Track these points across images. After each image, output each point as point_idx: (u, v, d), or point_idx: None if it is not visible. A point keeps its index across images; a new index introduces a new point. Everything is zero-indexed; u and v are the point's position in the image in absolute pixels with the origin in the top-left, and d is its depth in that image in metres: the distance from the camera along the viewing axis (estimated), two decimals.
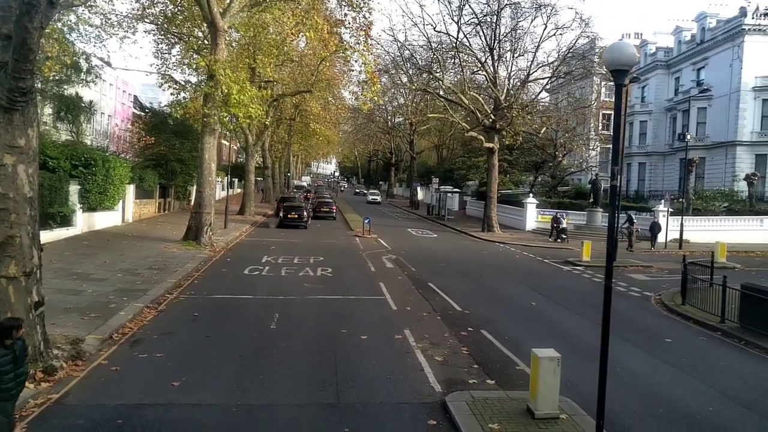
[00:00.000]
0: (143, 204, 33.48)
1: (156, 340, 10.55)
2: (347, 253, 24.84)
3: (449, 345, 11.10)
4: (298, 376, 9.07)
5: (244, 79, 23.11)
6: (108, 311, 11.83)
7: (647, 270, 23.59)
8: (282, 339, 11.04)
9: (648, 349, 11.78)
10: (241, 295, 15.01)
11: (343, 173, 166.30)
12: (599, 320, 13.93)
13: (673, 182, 51.32)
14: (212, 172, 24.13)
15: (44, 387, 7.90)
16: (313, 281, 17.44)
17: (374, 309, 14.13)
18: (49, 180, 21.68)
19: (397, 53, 41.62)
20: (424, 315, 13.61)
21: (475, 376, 9.38)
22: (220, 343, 10.55)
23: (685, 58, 50.58)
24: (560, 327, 13.45)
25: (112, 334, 10.56)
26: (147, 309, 12.70)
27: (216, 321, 12.24)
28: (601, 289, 18.66)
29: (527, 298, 16.52)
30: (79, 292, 13.56)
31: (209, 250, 22.38)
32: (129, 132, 48.07)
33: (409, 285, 17.65)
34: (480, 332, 12.15)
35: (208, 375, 8.90)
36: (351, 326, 12.15)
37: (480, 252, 27.87)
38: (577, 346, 11.56)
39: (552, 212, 42.14)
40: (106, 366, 9.02)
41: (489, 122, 37.39)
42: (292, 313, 13.31)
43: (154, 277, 16.09)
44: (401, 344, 11.01)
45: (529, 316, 14.37)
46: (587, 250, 24.97)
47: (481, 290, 17.57)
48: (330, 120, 56.29)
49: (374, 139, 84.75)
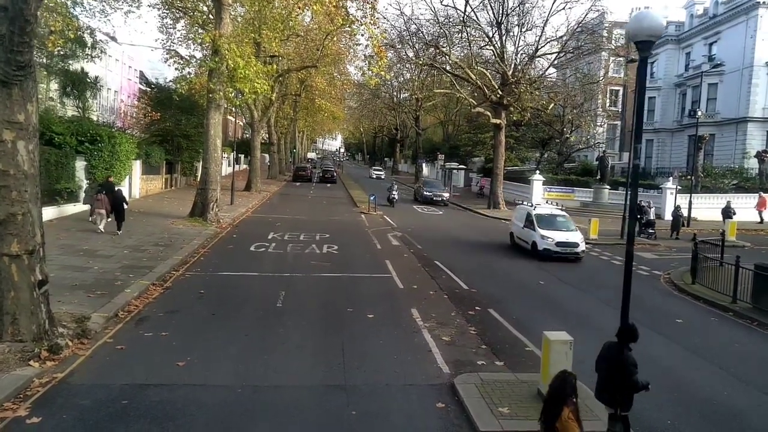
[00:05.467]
0: (150, 180, 33.38)
1: (161, 318, 10.47)
2: (353, 230, 24.71)
3: (457, 324, 10.99)
4: (304, 355, 8.98)
5: (249, 53, 22.71)
6: (114, 288, 11.75)
7: (655, 248, 23.38)
8: (288, 317, 10.95)
9: (659, 329, 11.62)
10: (247, 272, 14.92)
11: (348, 149, 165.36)
12: (607, 299, 13.91)
13: (681, 159, 50.74)
14: (218, 148, 23.91)
15: (49, 366, 7.83)
16: (319, 258, 17.33)
17: (381, 287, 14.02)
18: (55, 156, 21.57)
19: (403, 27, 40.96)
20: (430, 293, 13.49)
21: (483, 357, 9.27)
22: (225, 322, 10.46)
23: (696, 33, 49.61)
24: (568, 306, 13.32)
25: (118, 311, 10.48)
26: (153, 286, 12.62)
27: (222, 299, 12.15)
28: (609, 267, 18.71)
29: (534, 277, 16.38)
30: (86, 269, 13.48)
31: (215, 226, 22.28)
32: (135, 108, 47.78)
33: (415, 263, 17.53)
34: (487, 311, 12.03)
35: (213, 354, 8.82)
36: (357, 304, 12.05)
37: (486, 229, 27.67)
38: (586, 326, 11.41)
39: (561, 188, 41.87)
40: (111, 345, 8.95)
41: (496, 98, 36.87)
42: (298, 290, 13.21)
43: (160, 253, 16.00)
44: (408, 323, 10.90)
45: (536, 295, 14.24)
46: (594, 227, 24.75)
47: (487, 268, 17.44)
48: (335, 96, 55.85)
49: (379, 115, 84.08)
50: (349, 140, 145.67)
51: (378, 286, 14.09)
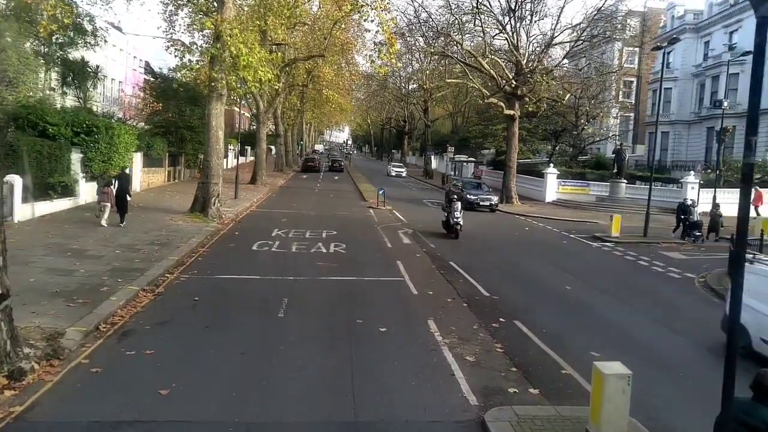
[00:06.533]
0: (151, 173, 32.32)
1: (148, 332, 9.29)
2: (361, 226, 23.51)
3: (480, 340, 9.73)
4: (308, 381, 7.78)
5: (252, 40, 21.47)
6: (98, 296, 10.58)
7: (682, 247, 22.03)
8: (290, 331, 9.75)
9: (712, 348, 10.27)
10: (247, 275, 13.74)
11: (355, 141, 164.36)
12: (644, 308, 12.58)
13: (697, 152, 49.21)
14: (220, 140, 22.74)
15: (7, 396, 6.65)
16: (325, 258, 16.14)
17: (393, 293, 12.81)
18: (48, 148, 20.45)
19: (413, 15, 39.57)
20: (448, 301, 12.24)
21: (514, 382, 8.03)
22: (220, 336, 9.28)
23: (716, 21, 47.90)
24: (601, 317, 12.03)
25: (99, 324, 9.30)
26: (143, 292, 11.45)
27: (218, 307, 10.97)
28: (636, 269, 17.35)
29: (560, 281, 15.10)
30: (71, 272, 12.32)
31: (217, 222, 21.15)
32: (137, 98, 46.71)
33: (428, 264, 16.29)
34: (513, 323, 10.77)
35: (203, 379, 7.64)
36: (368, 314, 10.83)
37: (500, 225, 26.42)
38: (626, 343, 10.16)
39: (576, 182, 40.49)
40: (86, 367, 7.77)
41: (510, 88, 35.51)
42: (303, 297, 12.02)
43: (154, 254, 14.84)
44: (425, 338, 9.67)
45: (564, 302, 12.94)
46: (617, 224, 23.37)
47: (507, 271, 16.17)
48: (343, 87, 54.62)
49: (387, 106, 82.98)
50: (357, 132, 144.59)
51: (390, 292, 12.87)
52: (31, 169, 18.79)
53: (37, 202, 19.27)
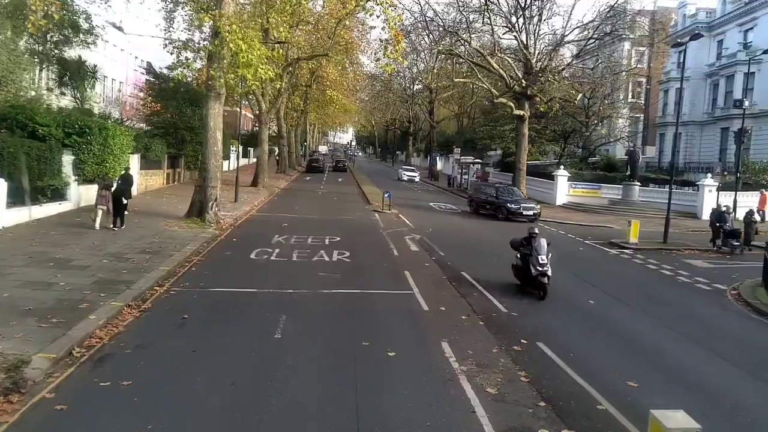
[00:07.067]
0: (150, 175, 31.36)
1: (128, 358, 8.25)
2: (366, 232, 22.46)
3: (502, 367, 8.63)
4: (307, 418, 6.71)
5: (252, 36, 20.46)
6: (76, 314, 9.54)
7: (706, 255, 20.87)
8: (288, 355, 8.70)
9: (755, 373, 9.17)
10: (243, 288, 12.70)
11: (359, 143, 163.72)
12: (678, 326, 11.39)
13: (710, 154, 48.01)
14: (218, 141, 21.71)
15: None
16: (328, 268, 15.09)
17: (401, 309, 11.72)
18: (37, 149, 19.48)
19: (419, 13, 38.56)
20: (462, 318, 11.14)
21: (545, 421, 6.92)
22: (208, 362, 8.23)
23: (730, 19, 46.67)
24: (632, 336, 10.88)
25: (73, 348, 8.26)
26: (127, 309, 10.41)
27: (208, 326, 9.92)
28: (661, 279, 16.09)
29: (582, 294, 13.98)
30: (50, 285, 11.29)
31: (214, 228, 20.13)
32: (135, 98, 45.88)
33: (439, 275, 15.20)
34: (536, 346, 9.66)
35: (186, 416, 6.59)
36: (374, 335, 9.75)
37: (511, 230, 25.19)
38: (668, 372, 9.05)
39: (587, 185, 39.35)
40: (50, 402, 6.71)
41: (520, 88, 34.42)
42: (303, 314, 10.97)
43: (145, 263, 13.82)
44: (440, 365, 8.58)
45: (590, 319, 11.82)
46: (635, 230, 22.19)
47: None
48: (347, 87, 53.68)
49: (392, 107, 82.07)
50: (361, 133, 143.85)
51: (398, 308, 11.79)
52: (18, 172, 17.83)
53: (24, 206, 18.31)
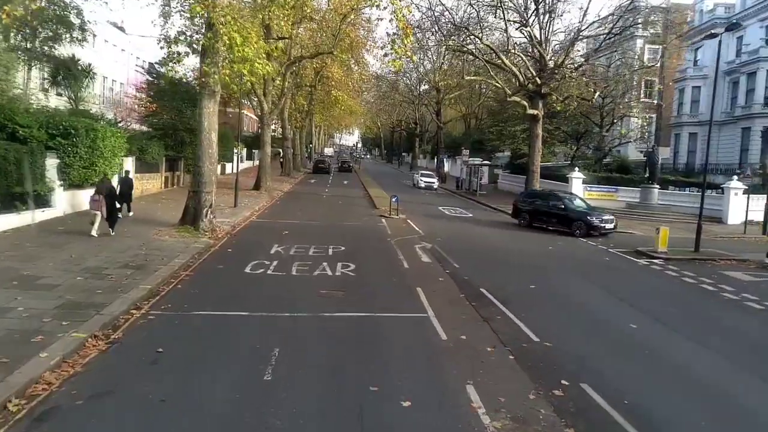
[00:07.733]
0: (146, 179, 29.86)
1: (78, 412, 6.60)
2: (372, 240, 20.79)
3: (544, 422, 6.91)
4: None
5: (249, 29, 18.87)
6: (25, 350, 7.91)
7: (745, 265, 19.10)
8: (278, 406, 7.01)
9: None
10: (233, 310, 11.01)
11: (365, 144, 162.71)
12: (742, 357, 9.66)
13: (729, 155, 46.23)
14: (213, 143, 20.11)
15: None
16: (330, 285, 13.42)
17: (415, 339, 9.98)
18: (15, 152, 17.88)
19: (426, 8, 36.88)
20: (487, 351, 9.39)
21: None
22: (179, 417, 6.58)
23: (751, 14, 44.88)
24: (693, 376, 8.99)
25: (9, 400, 6.63)
26: (92, 340, 8.76)
27: (185, 364, 8.25)
28: (706, 298, 14.19)
29: (620, 315, 12.24)
30: (5, 311, 9.64)
31: (209, 237, 18.54)
32: (132, 98, 44.49)
33: (455, 292, 13.48)
34: (581, 389, 7.94)
35: None
36: (384, 377, 8.05)
37: (528, 237, 23.57)
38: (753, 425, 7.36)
39: (603, 188, 37.64)
40: None
41: (534, 86, 32.72)
42: (299, 346, 9.27)
43: (124, 281, 12.18)
44: (467, 421, 6.85)
45: (636, 350, 9.99)
46: (664, 238, 20.42)
47: (552, 301, 13.23)
48: (352, 88, 52.18)
49: (398, 109, 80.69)
50: (367, 135, 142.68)
51: (411, 337, 10.06)
52: None
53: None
